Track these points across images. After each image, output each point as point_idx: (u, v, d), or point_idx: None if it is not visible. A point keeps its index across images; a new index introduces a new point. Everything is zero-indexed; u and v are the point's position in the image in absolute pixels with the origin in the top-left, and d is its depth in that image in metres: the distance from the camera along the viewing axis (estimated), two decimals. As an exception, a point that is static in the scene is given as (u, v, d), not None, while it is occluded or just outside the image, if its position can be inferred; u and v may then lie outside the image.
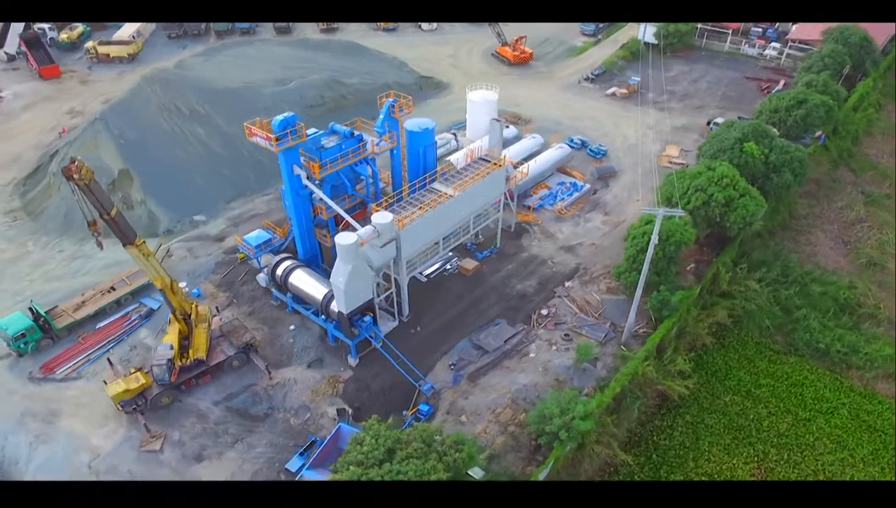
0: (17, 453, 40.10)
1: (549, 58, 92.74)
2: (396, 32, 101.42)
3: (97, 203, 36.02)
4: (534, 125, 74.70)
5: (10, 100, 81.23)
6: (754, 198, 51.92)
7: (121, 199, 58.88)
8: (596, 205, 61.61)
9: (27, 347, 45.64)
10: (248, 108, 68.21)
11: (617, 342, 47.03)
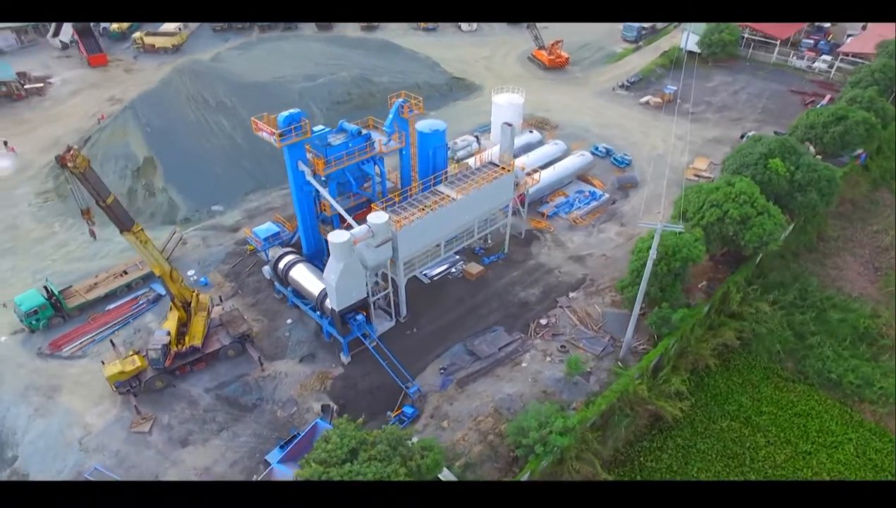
0: (17, 424, 41.82)
1: (585, 63, 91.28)
2: (436, 32, 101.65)
3: (93, 191, 37.15)
4: (561, 131, 73.71)
5: (59, 85, 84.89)
6: (773, 217, 49.84)
7: (144, 186, 60.90)
8: (612, 216, 60.27)
9: (39, 324, 47.54)
10: (275, 103, 69.17)
11: (615, 357, 45.90)
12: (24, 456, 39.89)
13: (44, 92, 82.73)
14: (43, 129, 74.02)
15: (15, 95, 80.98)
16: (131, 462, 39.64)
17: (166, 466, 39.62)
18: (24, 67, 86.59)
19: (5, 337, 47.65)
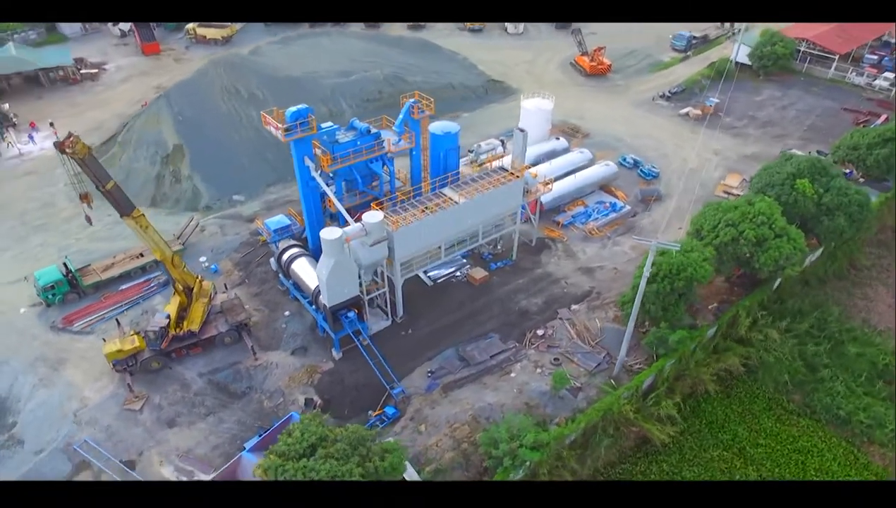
0: (21, 392, 43.92)
1: (629, 71, 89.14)
2: (481, 34, 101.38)
3: (93, 176, 38.52)
4: (591, 139, 72.23)
5: (112, 72, 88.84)
6: (792, 241, 47.44)
7: (171, 172, 62.96)
8: (630, 229, 58.63)
9: (55, 298, 49.82)
10: (306, 97, 70.39)
11: (609, 374, 44.67)
12: (23, 423, 41.86)
13: (97, 77, 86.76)
14: (91, 113, 77.58)
15: (71, 79, 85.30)
16: (119, 438, 41.04)
17: (150, 444, 40.84)
18: (84, 53, 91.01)
19: (25, 309, 50.14)
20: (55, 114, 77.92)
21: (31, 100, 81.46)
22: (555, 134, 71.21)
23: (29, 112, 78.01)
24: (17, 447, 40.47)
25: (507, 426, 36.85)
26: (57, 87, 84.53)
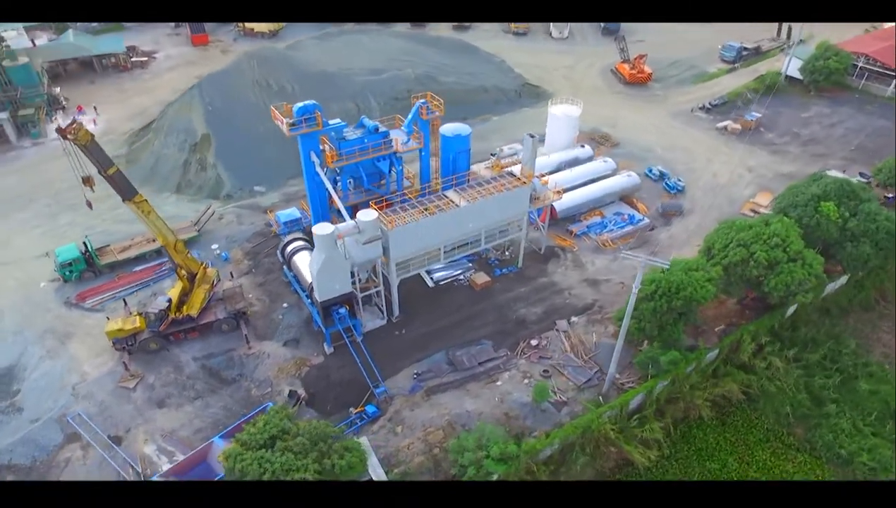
0: (29, 362, 46.07)
1: (671, 81, 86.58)
2: (525, 37, 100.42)
3: (96, 161, 39.92)
4: (620, 149, 70.56)
5: (161, 61, 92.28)
6: (807, 266, 45.14)
7: (197, 160, 64.84)
8: (645, 243, 56.92)
9: (72, 275, 52.05)
10: (335, 93, 71.70)
11: (599, 390, 43.50)
12: (25, 392, 43.91)
13: (146, 65, 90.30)
14: (136, 99, 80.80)
15: (122, 67, 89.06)
16: (110, 413, 42.53)
17: (139, 422, 42.16)
18: (138, 42, 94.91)
19: (45, 283, 52.59)
20: (104, 99, 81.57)
21: (84, 84, 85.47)
22: (582, 141, 69.86)
23: (80, 96, 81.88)
24: (16, 413, 42.48)
25: (477, 434, 36.36)
26: (109, 74, 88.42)
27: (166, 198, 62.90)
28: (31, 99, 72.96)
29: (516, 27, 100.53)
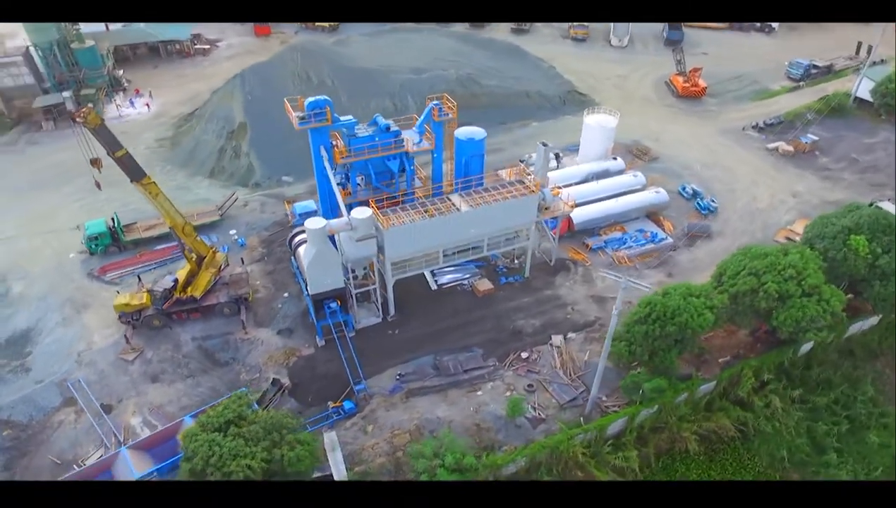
0: (45, 327, 48.95)
1: (727, 96, 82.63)
2: (584, 44, 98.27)
3: (105, 144, 41.77)
4: (657, 164, 68.04)
5: (223, 49, 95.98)
6: (823, 303, 42.14)
7: (232, 148, 67.02)
8: (663, 264, 54.66)
9: (97, 248, 54.90)
10: (373, 90, 72.52)
11: (581, 411, 42.14)
12: (36, 354, 46.70)
13: (208, 53, 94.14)
14: (192, 85, 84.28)
15: (185, 53, 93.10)
16: (106, 383, 44.62)
17: (131, 394, 44.06)
18: (203, 30, 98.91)
19: (74, 254, 55.71)
20: (163, 83, 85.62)
21: (148, 68, 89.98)
22: (620, 153, 67.83)
23: (142, 79, 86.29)
24: (23, 373, 45.24)
25: (437, 442, 35.93)
26: (172, 59, 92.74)
27: (199, 181, 65.36)
28: (93, 80, 77.44)
29: (575, 32, 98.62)
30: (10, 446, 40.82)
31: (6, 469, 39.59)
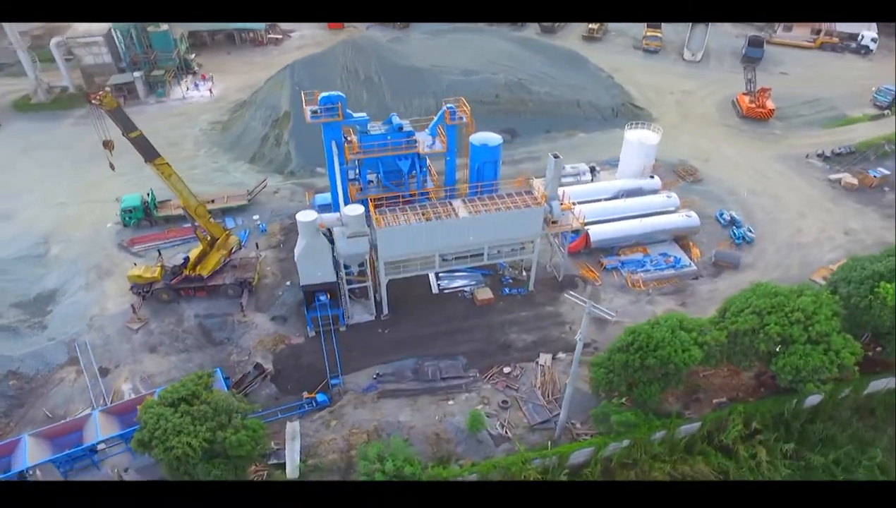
0: (69, 289, 52.46)
1: (797, 121, 77.00)
2: (656, 56, 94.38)
3: (120, 125, 44.00)
4: (702, 186, 64.50)
5: (295, 40, 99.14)
6: (832, 353, 38.67)
7: (275, 136, 69.19)
8: (679, 292, 51.80)
9: (130, 221, 58.22)
10: (419, 88, 72.73)
11: (551, 434, 40.69)
12: (54, 314, 50.16)
13: (280, 43, 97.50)
14: (257, 73, 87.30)
15: (258, 42, 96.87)
16: (108, 348, 47.32)
17: (129, 361, 46.55)
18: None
19: (110, 225, 59.35)
20: (232, 69, 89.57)
21: (221, 55, 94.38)
22: (664, 172, 64.93)
23: (213, 64, 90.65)
24: (39, 330, 48.68)
25: (383, 446, 35.73)
26: (246, 47, 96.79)
27: (239, 166, 67.93)
28: (164, 62, 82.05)
29: (648, 44, 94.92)
30: (13, 395, 44.08)
31: (5, 416, 42.80)
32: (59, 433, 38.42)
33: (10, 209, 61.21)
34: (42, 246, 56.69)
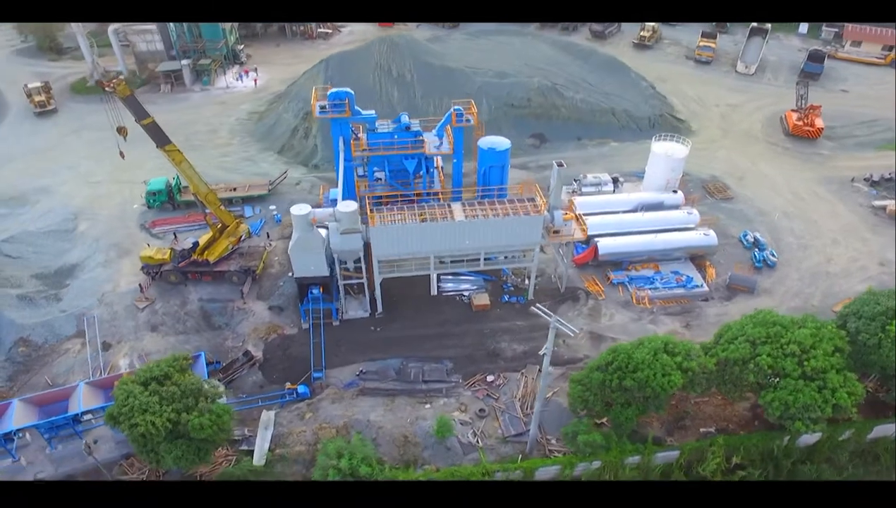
0: (88, 264, 54.92)
1: (849, 142, 72.57)
2: (708, 67, 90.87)
3: (133, 111, 45.51)
4: (731, 204, 61.68)
5: (344, 35, 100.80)
6: (826, 392, 36.35)
7: (304, 129, 70.40)
8: (686, 312, 49.73)
9: (154, 203, 60.48)
10: (450, 89, 72.35)
11: (522, 448, 39.86)
12: (71, 287, 52.56)
13: (329, 38, 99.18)
14: (300, 66, 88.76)
15: (308, 35, 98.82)
16: (114, 324, 49.25)
17: (130, 338, 48.34)
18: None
19: (137, 205, 61.84)
20: (279, 61, 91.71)
21: (271, 46, 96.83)
22: (691, 187, 62.59)
23: (262, 55, 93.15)
24: (54, 302, 51.14)
25: (343, 443, 35.82)
26: (296, 40, 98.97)
27: (267, 156, 69.48)
28: (212, 51, 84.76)
29: (699, 54, 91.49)
30: (20, 361, 46.52)
31: (10, 380, 45.24)
32: (47, 400, 40.21)
33: (49, 184, 64.61)
34: (71, 221, 59.55)
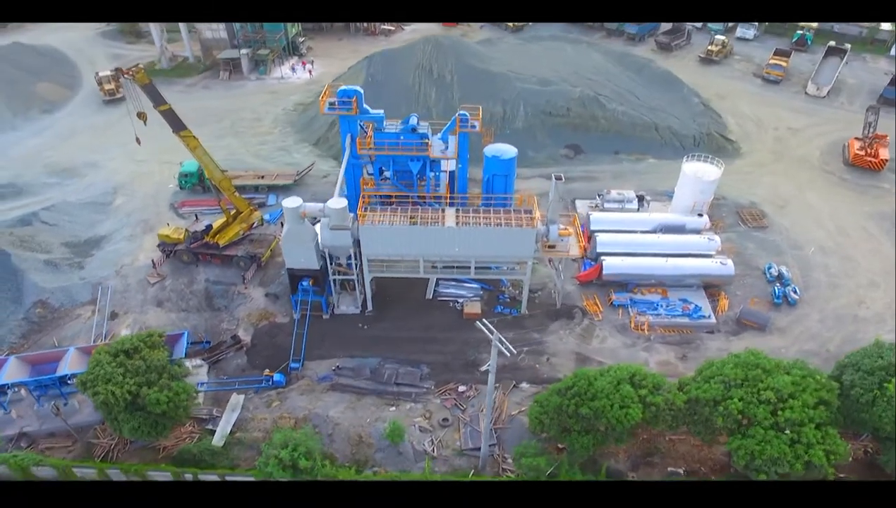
0: (115, 236, 58.31)
1: (916, 176, 66.50)
2: (776, 87, 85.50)
3: (151, 98, 47.69)
4: (764, 234, 57.89)
5: (406, 33, 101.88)
6: (800, 447, 33.70)
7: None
8: (686, 343, 47.22)
9: (185, 185, 63.37)
10: (489, 93, 71.81)
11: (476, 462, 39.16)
12: (95, 256, 55.98)
13: (391, 35, 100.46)
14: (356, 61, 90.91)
15: (370, 31, 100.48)
16: (126, 297, 52.01)
17: (137, 311, 50.96)
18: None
19: (171, 186, 64.98)
20: (337, 55, 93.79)
21: (332, 40, 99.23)
22: (724, 212, 59.39)
23: (322, 49, 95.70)
24: (76, 269, 54.57)
25: (289, 435, 36.34)
26: (358, 35, 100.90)
27: (301, 147, 71.31)
28: (272, 42, 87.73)
29: (768, 72, 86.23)
30: (36, 321, 49.99)
31: (23, 338, 48.70)
32: (40, 360, 43.00)
33: (99, 160, 69.00)
34: (110, 195, 63.41)
